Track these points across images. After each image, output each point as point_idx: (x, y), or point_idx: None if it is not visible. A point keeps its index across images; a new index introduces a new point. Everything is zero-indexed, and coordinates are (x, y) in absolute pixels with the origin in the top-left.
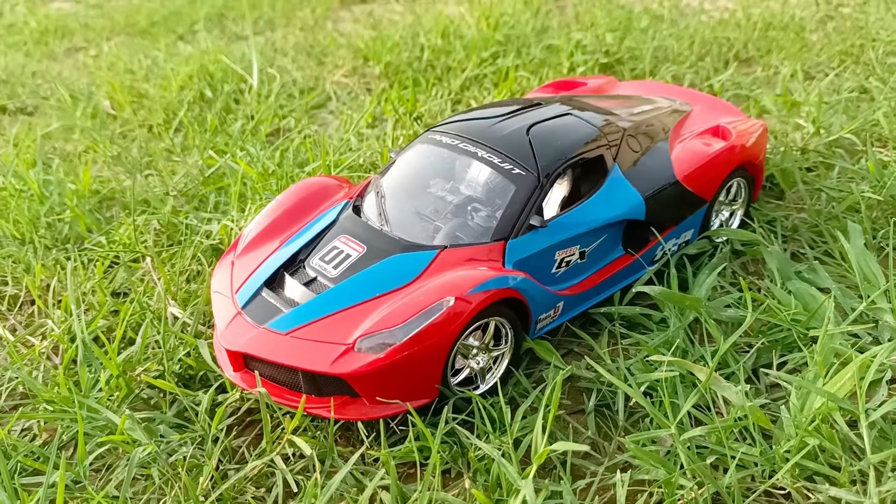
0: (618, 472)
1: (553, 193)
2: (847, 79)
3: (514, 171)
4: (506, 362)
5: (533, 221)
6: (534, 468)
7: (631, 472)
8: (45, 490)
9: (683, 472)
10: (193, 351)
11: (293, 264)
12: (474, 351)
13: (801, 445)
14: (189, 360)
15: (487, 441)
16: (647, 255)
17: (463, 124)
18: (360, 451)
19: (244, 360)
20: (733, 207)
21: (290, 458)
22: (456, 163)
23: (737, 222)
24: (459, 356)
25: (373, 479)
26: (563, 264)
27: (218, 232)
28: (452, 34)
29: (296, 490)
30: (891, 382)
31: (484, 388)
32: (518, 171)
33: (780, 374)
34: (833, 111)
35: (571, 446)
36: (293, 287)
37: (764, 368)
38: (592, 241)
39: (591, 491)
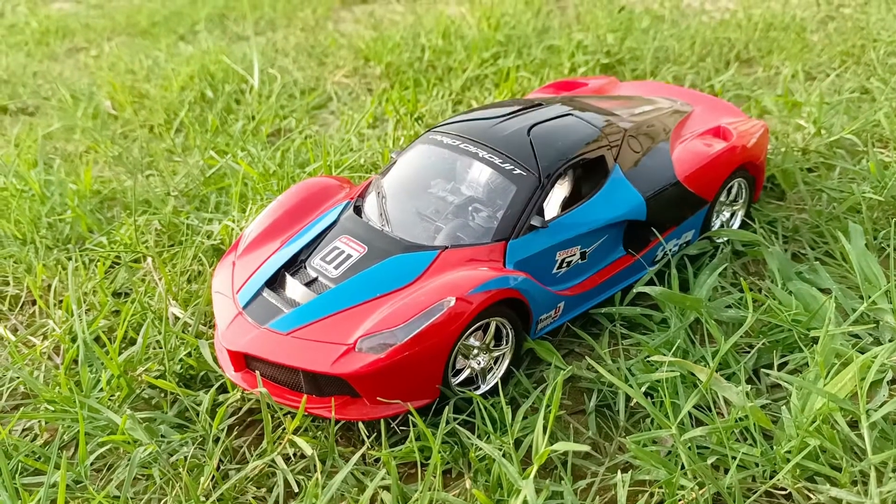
0: (619, 472)
1: (554, 194)
2: (848, 79)
3: (514, 172)
4: (506, 362)
5: (534, 222)
6: (534, 468)
7: (632, 473)
8: (45, 490)
9: (684, 472)
10: (194, 351)
11: (294, 264)
12: (475, 351)
13: (801, 446)
14: (190, 361)
15: (488, 441)
16: (647, 255)
17: (464, 125)
18: (360, 452)
19: (245, 361)
20: (734, 208)
21: (291, 458)
22: (457, 163)
23: (738, 223)
24: (460, 356)
25: (374, 480)
26: (564, 265)
27: (219, 232)
28: (453, 34)
29: (297, 490)
30: (892, 383)
31: (485, 388)
32: (519, 171)
33: (780, 375)
34: (834, 112)
35: (572, 446)
36: (294, 287)
37: (765, 369)
38: (593, 241)
39: (591, 491)
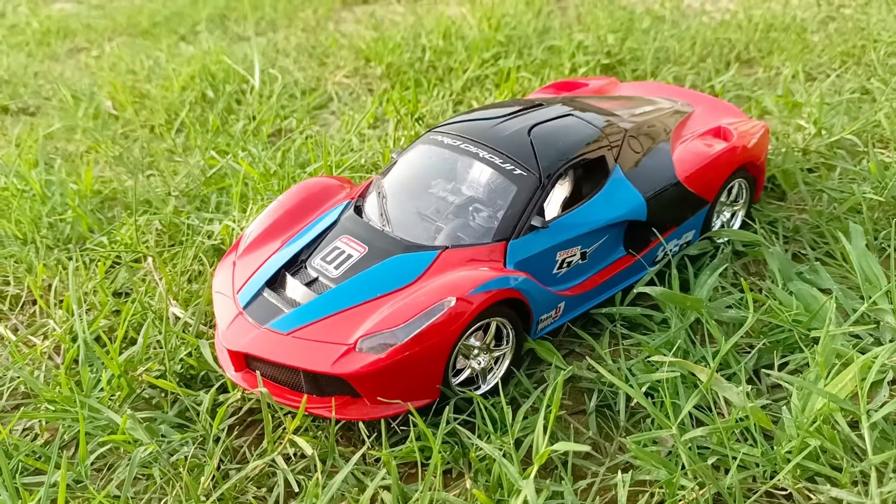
0: (619, 472)
1: (554, 194)
2: (848, 80)
3: (515, 172)
4: (507, 362)
5: (534, 222)
6: (535, 468)
7: (632, 473)
8: (46, 490)
9: (685, 472)
10: (195, 351)
11: (295, 264)
12: (475, 351)
13: (802, 446)
14: (190, 360)
15: (488, 441)
16: (648, 255)
17: (464, 125)
18: (361, 451)
19: (245, 360)
20: (735, 208)
21: (292, 458)
22: (457, 163)
23: (738, 223)
24: (461, 356)
25: (374, 480)
26: (565, 265)
27: (219, 232)
28: (454, 35)
29: (297, 490)
30: (892, 383)
31: (485, 388)
32: (519, 171)
33: (781, 375)
34: (834, 112)
35: (572, 446)
36: (294, 287)
37: (765, 369)
38: (594, 241)
39: (592, 491)
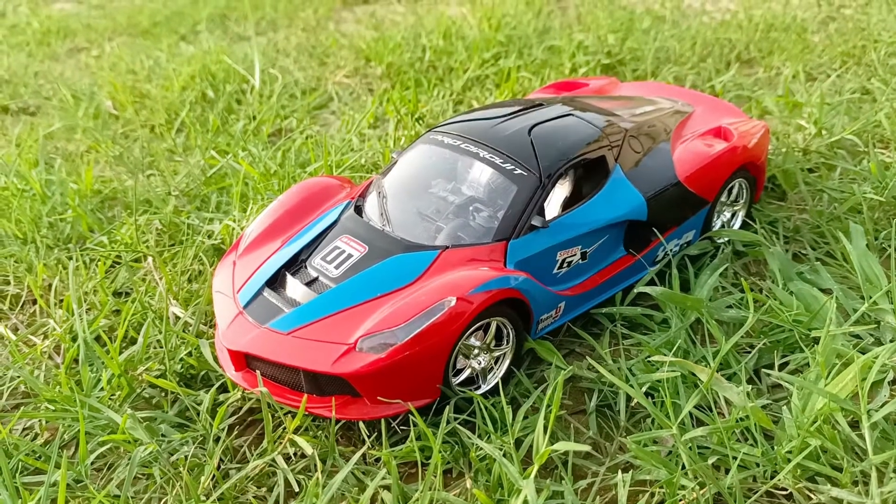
0: (619, 472)
1: (555, 194)
2: (849, 80)
3: (515, 172)
4: (507, 362)
5: (535, 222)
6: (535, 468)
7: (632, 473)
8: (46, 489)
9: (685, 472)
10: (195, 350)
11: (295, 264)
12: (476, 351)
13: (802, 446)
14: (190, 360)
15: (489, 441)
16: (648, 255)
17: (465, 125)
18: (361, 451)
19: (246, 360)
20: (735, 208)
21: (292, 458)
22: (458, 163)
23: (738, 223)
24: (461, 356)
25: (374, 479)
26: (565, 265)
27: (220, 232)
28: (454, 35)
29: (297, 489)
30: (893, 383)
31: (485, 388)
32: (520, 171)
33: (781, 375)
34: (835, 112)
35: (573, 446)
36: (295, 287)
37: (765, 369)
38: (594, 241)
39: (592, 491)
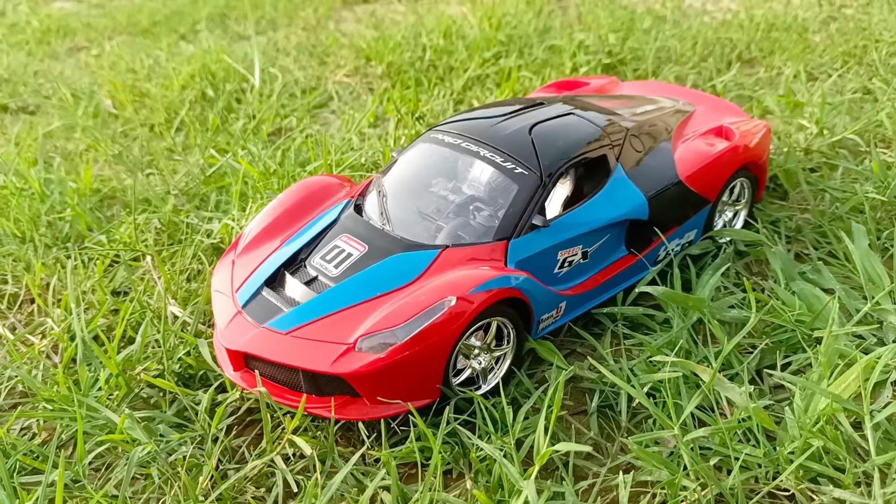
0: (620, 473)
1: (556, 193)
2: (850, 80)
3: (516, 171)
4: (508, 362)
5: (535, 221)
6: (536, 469)
7: (634, 474)
8: (44, 489)
9: (687, 473)
10: (193, 350)
11: (294, 263)
12: (476, 351)
13: (805, 447)
14: (189, 360)
15: (489, 441)
16: (650, 255)
17: (465, 123)
18: (360, 452)
19: (244, 360)
20: (737, 208)
21: (291, 458)
22: (458, 162)
23: (740, 223)
24: (461, 356)
25: (373, 480)
26: (566, 264)
27: (219, 231)
28: (455, 34)
29: (296, 490)
30: (895, 384)
31: (486, 388)
32: (520, 170)
33: (784, 375)
34: (836, 112)
35: (574, 447)
36: (294, 286)
37: (768, 369)
38: (595, 241)
39: (593, 492)
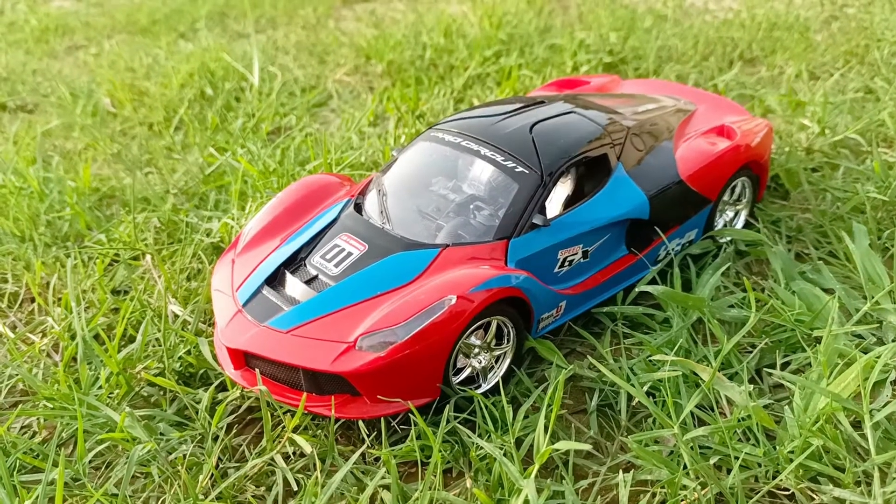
0: (620, 472)
1: (556, 192)
2: (852, 79)
3: (516, 170)
4: (508, 361)
5: (536, 220)
6: (536, 468)
7: (633, 472)
8: (44, 487)
9: (686, 472)
10: (194, 349)
11: (294, 262)
12: (476, 350)
13: (804, 446)
14: (189, 358)
15: (489, 440)
16: (650, 254)
17: (465, 122)
18: (360, 450)
19: (245, 358)
20: (738, 207)
21: (291, 457)
22: (458, 161)
23: (741, 222)
24: (461, 355)
25: (373, 479)
26: (566, 263)
27: (218, 230)
28: (455, 33)
29: (296, 489)
30: (895, 383)
31: (486, 387)
32: (521, 169)
33: (783, 375)
34: (838, 111)
35: (574, 445)
36: (294, 285)
37: (767, 369)
38: (595, 240)
39: (593, 491)
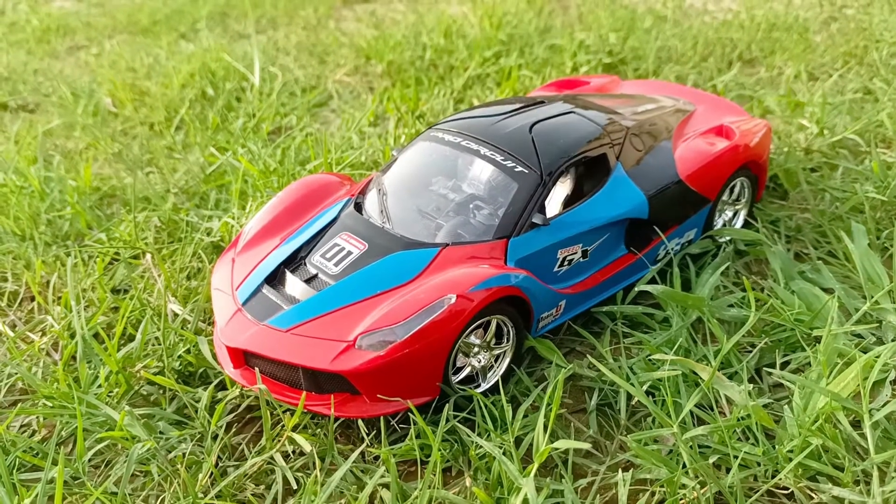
0: (619, 471)
1: (556, 191)
2: (851, 80)
3: (516, 169)
4: (507, 360)
5: (535, 219)
6: (535, 466)
7: (633, 472)
8: (43, 486)
9: (686, 471)
10: (193, 348)
11: (294, 261)
12: (476, 349)
13: (804, 445)
14: (189, 357)
15: (488, 439)
16: (649, 254)
17: (465, 122)
18: (360, 449)
19: (244, 357)
20: (737, 207)
21: (290, 456)
22: (458, 160)
23: (740, 222)
24: (461, 354)
25: (373, 477)
26: (566, 263)
27: (219, 229)
28: (455, 33)
29: (295, 487)
30: (894, 382)
31: (485, 386)
32: (521, 168)
33: (783, 374)
34: (837, 112)
35: (573, 444)
36: (294, 284)
37: (767, 368)
38: (595, 239)
39: (592, 490)
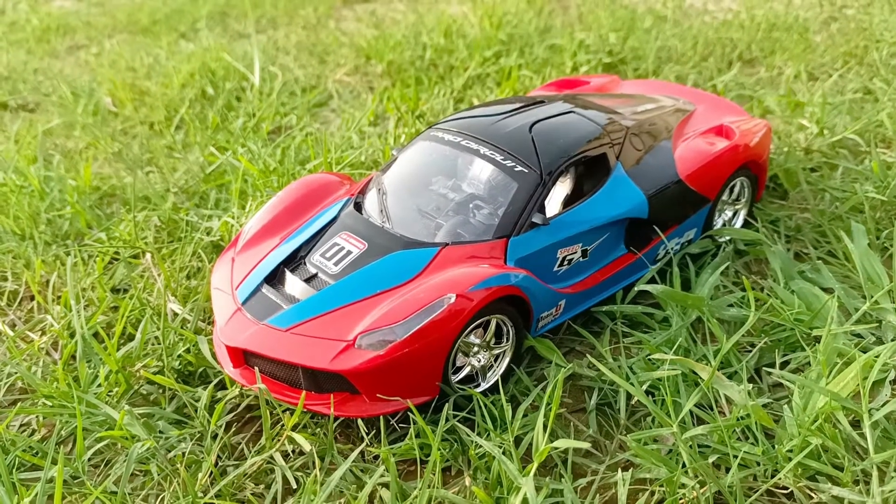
0: (619, 470)
1: (556, 191)
2: (851, 80)
3: (516, 169)
4: (507, 360)
5: (535, 219)
6: (535, 466)
7: (632, 471)
8: (43, 485)
9: (685, 470)
10: (193, 347)
11: (294, 261)
12: (475, 348)
13: (803, 445)
14: (189, 357)
15: (488, 439)
16: (649, 253)
17: (465, 121)
18: (359, 449)
19: (244, 357)
20: (736, 207)
21: (290, 455)
22: (458, 160)
23: (740, 222)
24: (460, 354)
25: (372, 477)
26: (566, 262)
27: (218, 228)
28: (455, 33)
29: (295, 487)
30: (894, 382)
31: (485, 385)
32: (520, 168)
33: (782, 374)
34: (837, 112)
35: (573, 444)
36: (294, 283)
37: (767, 368)
38: (595, 239)
39: (591, 489)
